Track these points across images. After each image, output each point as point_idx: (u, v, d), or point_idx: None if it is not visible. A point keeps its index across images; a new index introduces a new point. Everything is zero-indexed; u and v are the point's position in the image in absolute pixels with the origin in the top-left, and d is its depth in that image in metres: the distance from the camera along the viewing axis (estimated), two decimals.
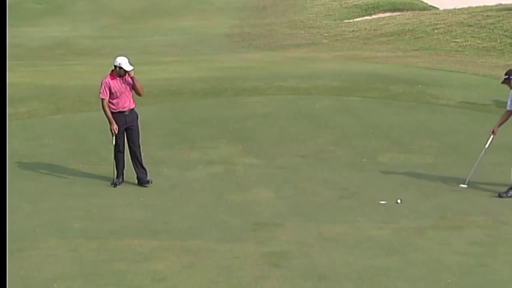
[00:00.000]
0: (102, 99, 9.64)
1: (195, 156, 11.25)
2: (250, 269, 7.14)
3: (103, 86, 9.62)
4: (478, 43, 21.61)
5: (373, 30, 25.30)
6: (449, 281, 6.90)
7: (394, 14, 29.23)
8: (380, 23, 26.38)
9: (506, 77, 9.47)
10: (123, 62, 9.55)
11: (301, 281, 6.88)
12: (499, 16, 23.21)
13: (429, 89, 15.10)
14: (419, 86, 15.36)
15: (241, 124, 12.97)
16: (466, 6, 26.69)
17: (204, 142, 11.99)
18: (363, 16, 29.86)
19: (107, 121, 9.72)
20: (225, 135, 12.31)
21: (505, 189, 9.41)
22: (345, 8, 31.08)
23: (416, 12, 29.25)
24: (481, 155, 9.70)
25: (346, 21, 28.77)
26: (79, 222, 8.41)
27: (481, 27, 22.73)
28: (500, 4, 25.44)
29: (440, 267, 7.22)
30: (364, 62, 19.39)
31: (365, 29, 25.72)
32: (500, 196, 9.38)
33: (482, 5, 26.04)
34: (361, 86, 15.43)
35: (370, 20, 27.94)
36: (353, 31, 25.72)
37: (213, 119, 13.26)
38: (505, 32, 21.94)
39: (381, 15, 29.56)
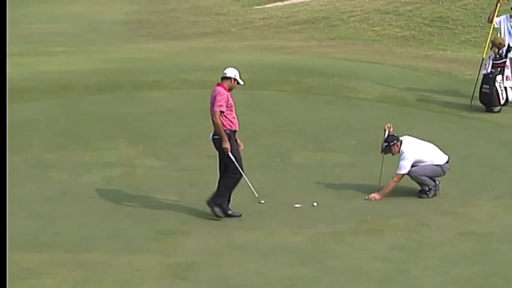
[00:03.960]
0: (220, 112, 8.74)
1: (88, 159, 11.09)
2: (153, 283, 7.10)
3: (223, 98, 8.78)
4: (397, 32, 22.17)
5: (286, 17, 25.56)
6: None
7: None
8: (293, 10, 26.68)
9: (386, 144, 9.66)
10: (238, 75, 8.93)
11: None
12: (417, 3, 23.89)
13: (346, 82, 15.41)
14: (336, 78, 15.65)
15: (141, 122, 12.86)
16: None
17: (99, 142, 11.83)
18: (274, 2, 30.09)
19: (221, 138, 8.79)
20: (123, 134, 12.18)
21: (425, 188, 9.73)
22: None
23: None
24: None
25: (256, 7, 28.95)
26: None
27: (399, 14, 23.35)
28: None
29: (359, 274, 7.39)
30: (277, 52, 19.57)
31: (276, 16, 25.95)
32: (420, 197, 9.69)
33: None
34: (273, 78, 15.59)
35: (282, 7, 28.20)
36: (263, 18, 25.90)
37: (109, 117, 13.08)
38: (424, 20, 22.62)
39: (294, 1, 29.89)
